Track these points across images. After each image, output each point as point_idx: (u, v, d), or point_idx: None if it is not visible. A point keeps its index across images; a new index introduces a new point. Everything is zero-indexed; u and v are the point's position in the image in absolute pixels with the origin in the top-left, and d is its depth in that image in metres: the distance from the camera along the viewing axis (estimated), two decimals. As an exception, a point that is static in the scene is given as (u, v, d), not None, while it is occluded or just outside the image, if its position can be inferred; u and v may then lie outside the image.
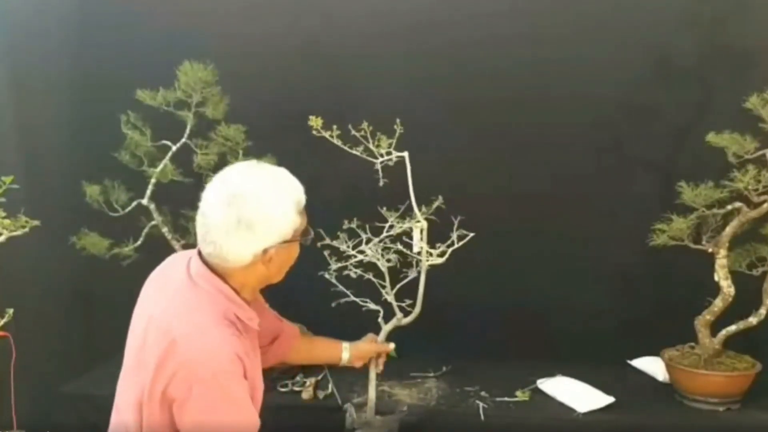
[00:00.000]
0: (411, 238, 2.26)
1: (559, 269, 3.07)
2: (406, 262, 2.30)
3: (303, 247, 1.89)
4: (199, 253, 1.78)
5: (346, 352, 2.33)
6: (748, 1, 2.88)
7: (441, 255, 2.24)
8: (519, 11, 2.97)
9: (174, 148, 2.79)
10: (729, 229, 2.52)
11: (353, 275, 2.26)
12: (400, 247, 2.27)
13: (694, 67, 2.90)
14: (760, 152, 2.46)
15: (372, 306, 2.32)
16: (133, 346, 1.80)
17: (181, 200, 2.83)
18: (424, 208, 2.24)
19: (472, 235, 2.22)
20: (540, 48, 2.95)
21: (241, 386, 1.69)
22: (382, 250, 2.27)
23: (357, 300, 2.31)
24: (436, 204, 2.24)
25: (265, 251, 1.73)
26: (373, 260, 2.25)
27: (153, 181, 2.79)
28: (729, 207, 2.51)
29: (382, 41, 3.04)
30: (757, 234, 2.57)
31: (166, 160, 2.78)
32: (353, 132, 2.16)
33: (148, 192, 2.81)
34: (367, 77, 3.05)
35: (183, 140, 2.78)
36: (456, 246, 2.23)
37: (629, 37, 2.91)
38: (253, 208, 1.69)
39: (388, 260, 2.26)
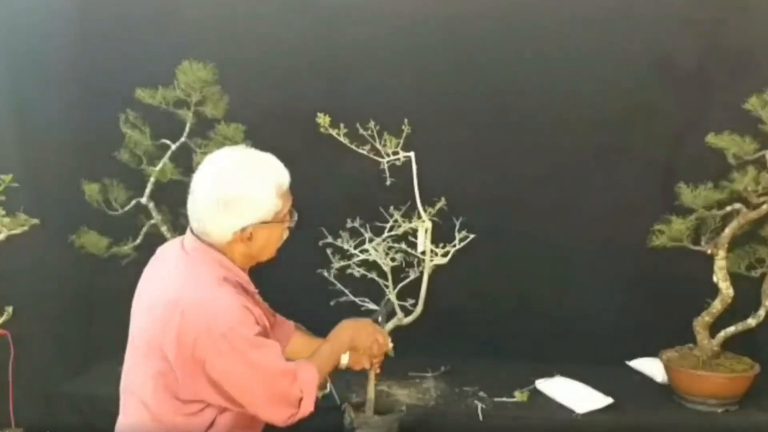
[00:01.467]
0: (415, 238, 2.26)
1: (558, 270, 3.07)
2: (408, 262, 2.30)
3: (291, 229, 1.94)
4: (191, 230, 1.88)
5: (345, 356, 2.34)
6: (747, 2, 2.88)
7: (444, 255, 2.24)
8: (523, 14, 2.97)
9: (173, 147, 2.79)
10: (728, 231, 2.53)
11: (356, 274, 2.27)
12: (404, 246, 2.27)
13: (694, 68, 2.90)
14: (760, 153, 2.46)
15: (372, 306, 2.32)
16: (139, 331, 1.86)
17: (181, 199, 2.79)
18: (428, 209, 2.25)
19: (472, 236, 2.22)
20: (542, 50, 2.95)
21: (255, 330, 1.80)
22: (388, 249, 2.27)
23: (356, 300, 2.32)
24: (438, 205, 2.24)
25: (243, 230, 1.81)
26: (377, 260, 2.26)
27: (152, 179, 2.80)
28: (728, 208, 2.51)
29: (385, 41, 3.03)
30: (756, 235, 2.58)
31: (165, 159, 2.78)
32: (361, 131, 2.15)
33: (147, 191, 2.81)
34: (368, 77, 3.04)
35: (182, 139, 2.78)
36: (458, 246, 2.24)
37: (629, 39, 2.91)
38: (231, 188, 1.80)
39: (393, 259, 2.27)
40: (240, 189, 1.79)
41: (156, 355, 1.77)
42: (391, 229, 2.26)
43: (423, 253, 2.25)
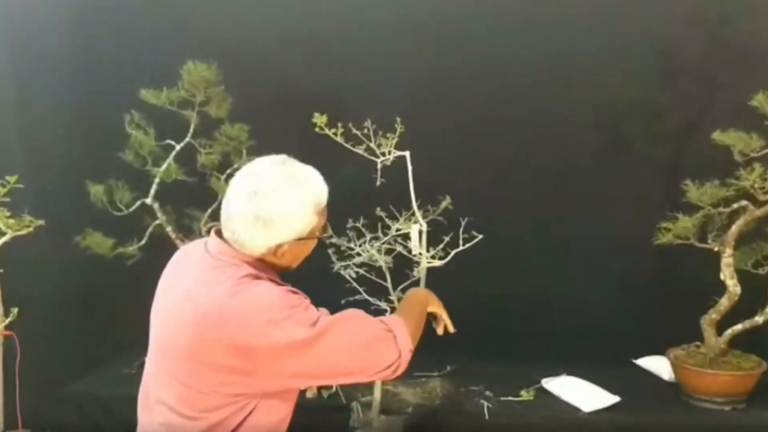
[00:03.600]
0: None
1: (564, 268, 3.06)
2: (412, 262, 2.30)
3: (320, 240, 1.92)
4: (219, 235, 1.84)
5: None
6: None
7: (442, 257, 2.22)
8: (524, 10, 2.96)
9: (178, 147, 2.79)
10: (735, 228, 2.52)
11: (353, 274, 2.27)
12: (399, 249, 2.26)
13: (700, 65, 2.89)
14: (766, 150, 2.45)
15: (383, 306, 2.32)
16: (167, 337, 1.80)
17: (185, 199, 2.84)
18: (430, 209, 2.23)
19: (480, 237, 2.20)
20: (545, 47, 2.95)
21: (305, 304, 1.74)
22: (385, 250, 2.27)
23: (369, 298, 2.32)
24: (443, 205, 2.23)
25: (278, 246, 1.79)
26: (370, 261, 2.26)
27: (157, 180, 2.80)
28: (735, 205, 2.50)
29: (388, 41, 3.03)
30: (763, 232, 2.56)
31: (170, 160, 2.79)
32: (354, 131, 2.14)
33: (152, 191, 2.81)
34: (371, 77, 3.04)
35: (187, 139, 2.79)
36: (460, 249, 2.22)
37: (635, 36, 2.90)
38: (271, 206, 1.75)
39: (386, 261, 2.27)
40: (280, 209, 1.75)
41: (194, 360, 1.71)
42: (390, 231, 2.25)
43: (415, 255, 2.23)
